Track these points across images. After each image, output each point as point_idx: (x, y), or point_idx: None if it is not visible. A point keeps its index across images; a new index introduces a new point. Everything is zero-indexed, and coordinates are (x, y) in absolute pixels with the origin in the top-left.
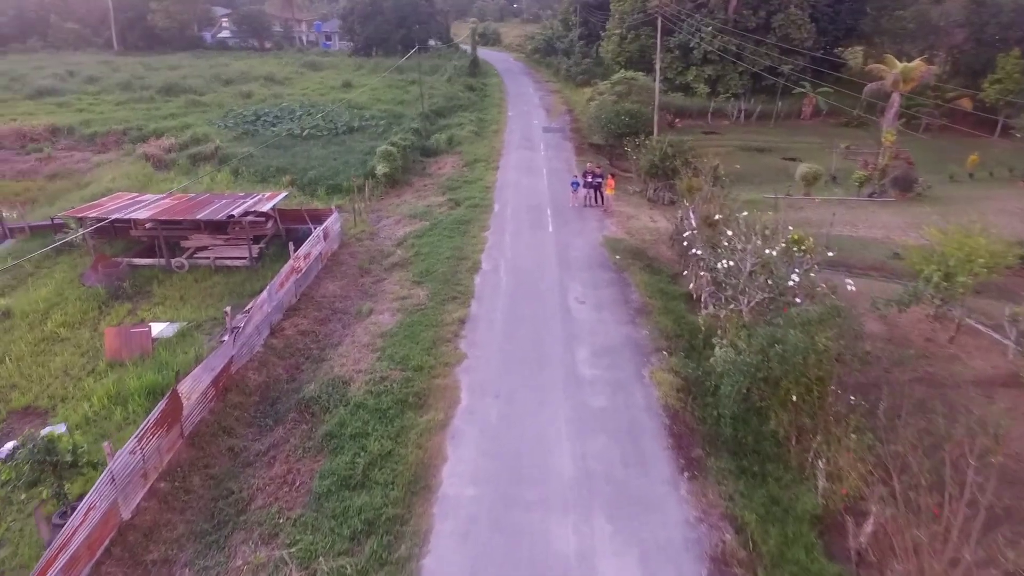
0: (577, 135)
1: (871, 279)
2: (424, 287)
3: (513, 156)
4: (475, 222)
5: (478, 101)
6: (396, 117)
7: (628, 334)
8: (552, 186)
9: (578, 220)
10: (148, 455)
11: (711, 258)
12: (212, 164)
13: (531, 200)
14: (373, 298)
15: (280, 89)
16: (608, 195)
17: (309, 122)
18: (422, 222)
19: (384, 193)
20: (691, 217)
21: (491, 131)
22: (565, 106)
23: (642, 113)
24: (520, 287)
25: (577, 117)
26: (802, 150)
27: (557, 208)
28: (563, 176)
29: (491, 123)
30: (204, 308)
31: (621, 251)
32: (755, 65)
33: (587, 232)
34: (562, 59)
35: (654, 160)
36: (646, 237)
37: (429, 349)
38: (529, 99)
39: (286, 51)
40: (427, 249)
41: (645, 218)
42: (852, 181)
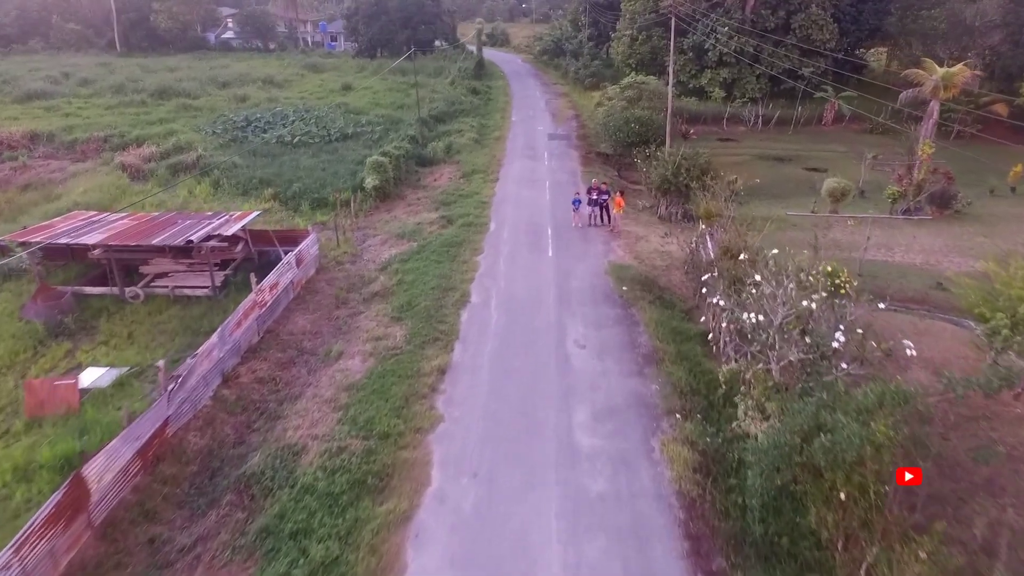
0: (584, 143)
1: (912, 313)
2: (403, 324)
3: (515, 166)
4: (467, 244)
5: (481, 105)
6: (394, 123)
7: (635, 389)
8: (555, 201)
9: (581, 242)
10: (33, 566)
11: (734, 307)
12: (193, 175)
13: (531, 217)
14: (346, 336)
15: (278, 92)
16: (616, 214)
17: (301, 128)
18: (410, 243)
19: (373, 208)
20: (709, 245)
21: (493, 138)
22: (572, 110)
23: (653, 121)
24: (512, 326)
25: (584, 123)
26: (825, 159)
27: (559, 227)
28: (567, 190)
29: (493, 129)
30: (152, 349)
31: (628, 281)
32: (773, 68)
33: (591, 256)
34: (570, 61)
35: (666, 175)
36: (657, 263)
37: (399, 409)
38: (535, 103)
39: (290, 52)
40: (412, 276)
41: (656, 240)
42: (885, 197)
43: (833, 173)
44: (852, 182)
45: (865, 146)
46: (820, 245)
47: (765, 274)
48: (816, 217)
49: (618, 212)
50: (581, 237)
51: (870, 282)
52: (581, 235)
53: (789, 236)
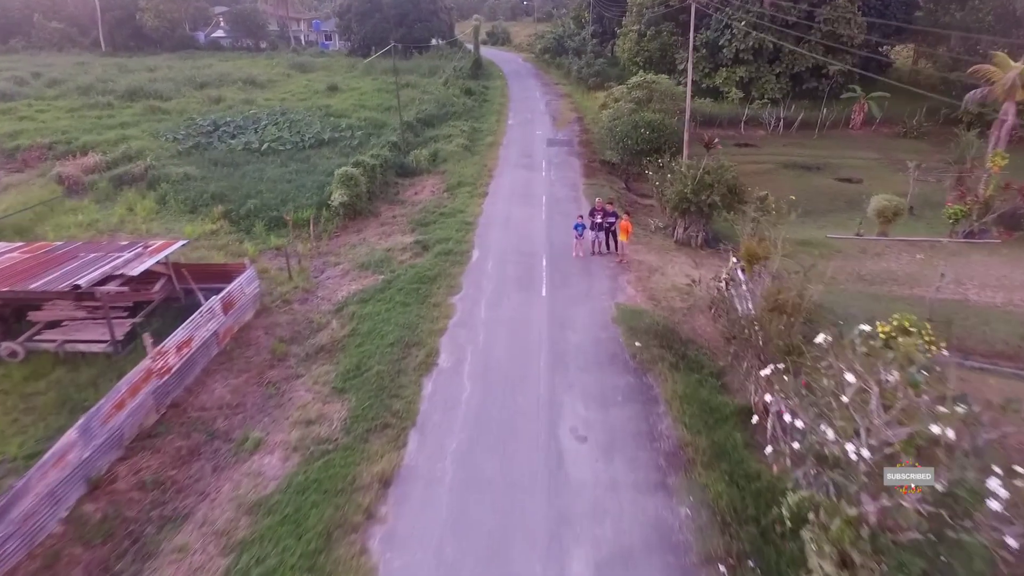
0: (587, 150)
1: (1004, 377)
2: (347, 399)
3: (507, 178)
4: (443, 279)
5: (475, 107)
6: (378, 127)
7: (656, 515)
8: (552, 222)
9: (583, 276)
10: None
11: (807, 418)
12: (138, 188)
13: (522, 243)
14: (272, 414)
15: (258, 94)
16: (623, 242)
17: (272, 134)
18: (375, 276)
19: (341, 228)
20: (744, 290)
21: (485, 144)
22: (575, 113)
23: (666, 125)
24: (489, 405)
25: (587, 127)
26: (858, 168)
27: (556, 257)
28: (567, 207)
29: (487, 134)
30: (8, 437)
31: (642, 333)
32: (794, 66)
33: (594, 297)
34: (573, 59)
35: (685, 192)
36: (676, 304)
37: (315, 555)
38: (534, 105)
39: (281, 51)
40: (369, 324)
41: (675, 271)
42: (944, 217)
43: (870, 184)
44: (901, 198)
45: (901, 153)
46: (818, 274)
47: (841, 357)
48: (863, 241)
49: (625, 240)
50: (582, 270)
51: (944, 329)
52: (582, 267)
53: (836, 265)
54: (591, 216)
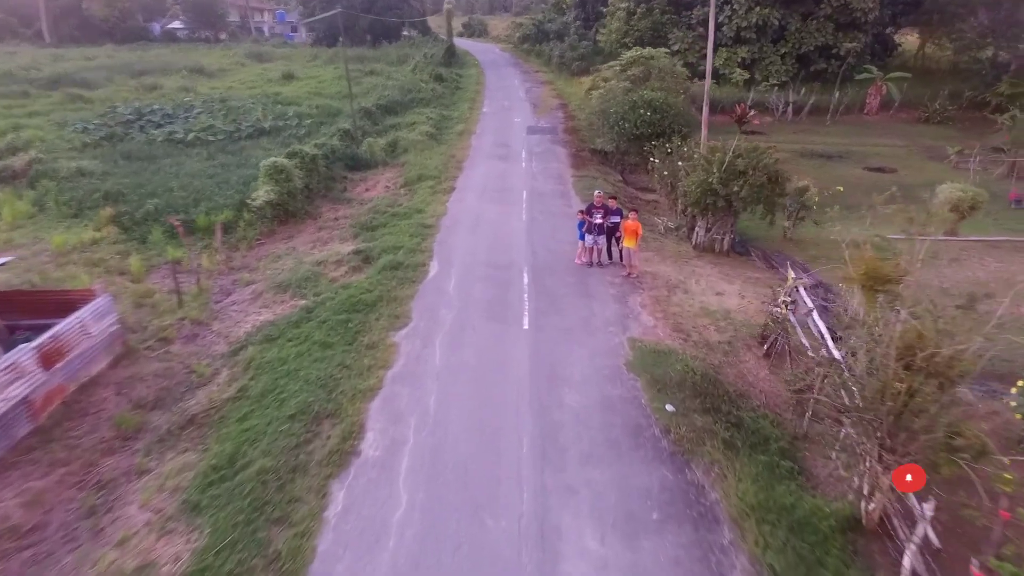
0: (573, 137)
1: None
2: (198, 529)
3: (480, 170)
4: (385, 306)
5: (446, 94)
6: (332, 114)
7: None
8: (535, 223)
9: (579, 298)
10: None
11: None
12: (16, 186)
13: (496, 252)
14: (83, 549)
15: (205, 82)
16: (631, 250)
17: (203, 123)
18: (295, 300)
19: (266, 234)
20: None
21: (455, 133)
22: (558, 100)
23: (671, 104)
24: (437, 541)
25: (573, 113)
26: (885, 156)
27: (542, 270)
28: (553, 205)
29: (457, 122)
30: None
31: (674, 387)
32: (802, 45)
33: (598, 330)
34: (554, 44)
35: (710, 182)
36: (713, 337)
37: None
38: (512, 92)
39: (241, 43)
40: (268, 379)
41: (701, 288)
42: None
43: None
44: (979, 188)
45: (928, 139)
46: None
47: None
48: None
49: (634, 247)
50: (578, 289)
51: None
52: (578, 285)
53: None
54: (587, 214)
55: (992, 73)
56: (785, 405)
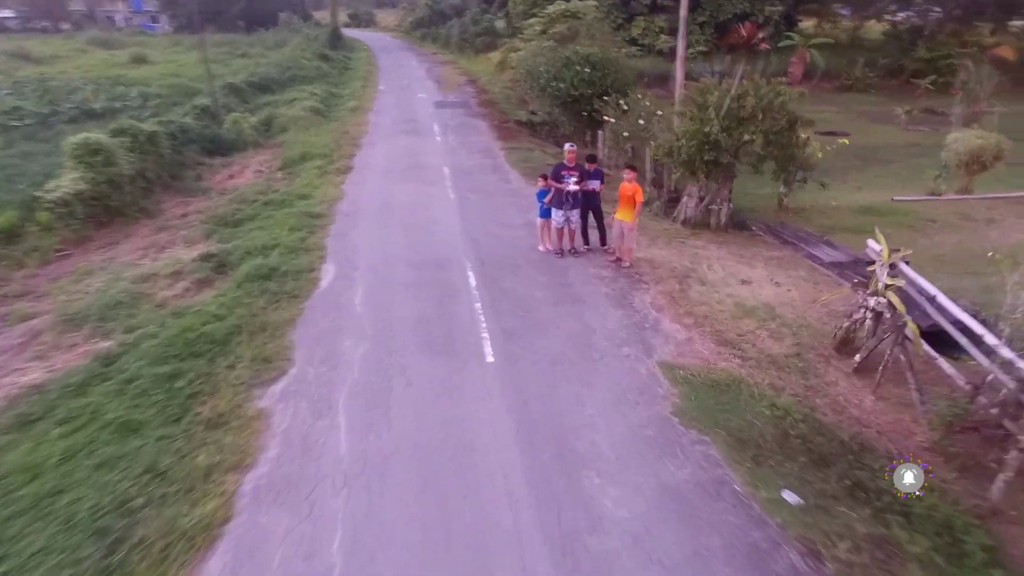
0: (492, 110)
1: None
2: None
3: (383, 147)
4: (247, 342)
5: (333, 74)
6: (188, 94)
7: None
8: (469, 204)
9: (562, 305)
10: None
11: None
12: None
13: (423, 246)
14: None
15: (31, 68)
16: (626, 225)
17: (5, 104)
18: (93, 342)
19: (74, 241)
20: None
21: (347, 109)
22: (464, 77)
23: (612, 60)
24: None
25: (486, 88)
26: (829, 121)
27: (494, 264)
28: (485, 181)
29: (349, 99)
30: None
31: (769, 451)
32: (719, 14)
33: (604, 354)
34: (453, 23)
35: (710, 133)
36: (774, 348)
37: None
38: (410, 71)
39: (87, 33)
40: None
41: (720, 275)
42: None
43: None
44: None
45: (857, 105)
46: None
47: None
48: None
49: (631, 222)
50: (555, 289)
51: None
52: (553, 282)
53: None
54: (555, 179)
55: (908, 39)
56: (928, 453)
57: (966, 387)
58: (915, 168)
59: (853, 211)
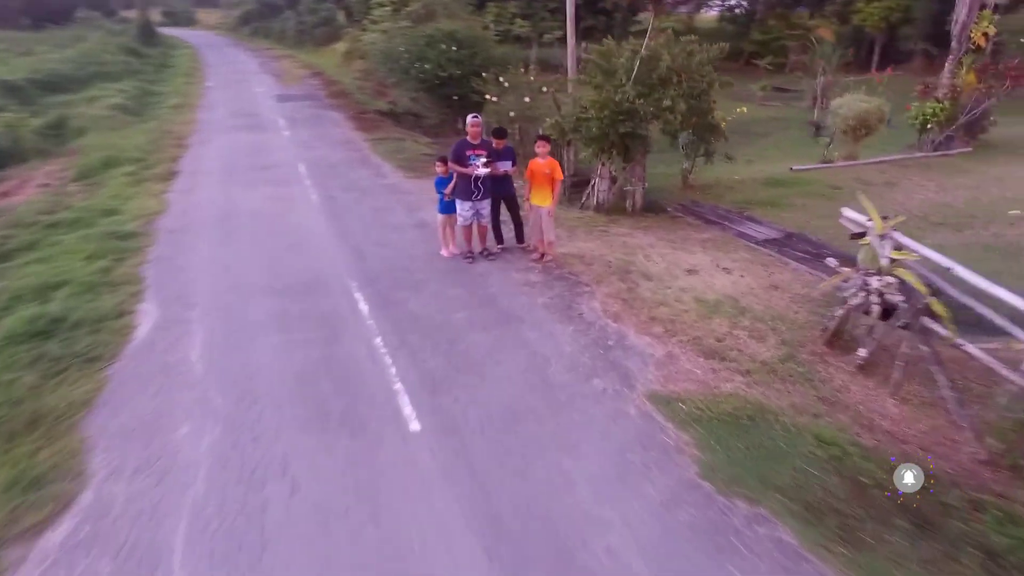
0: (345, 101)
1: None
2: None
3: (217, 145)
4: (11, 449)
5: (147, 71)
6: None
7: None
8: (338, 206)
9: (494, 329)
10: None
11: None
12: None
13: (286, 265)
14: None
15: None
16: (543, 211)
17: None
18: None
19: None
20: None
21: (166, 107)
22: (306, 70)
23: (479, 37)
24: None
25: (334, 79)
26: None
27: (388, 280)
28: (357, 177)
29: (169, 96)
30: None
31: (859, 524)
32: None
33: (572, 394)
34: (287, 15)
35: (623, 101)
36: (760, 352)
37: None
38: (243, 66)
39: None
40: None
41: (663, 268)
42: (910, 122)
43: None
44: (879, 98)
45: None
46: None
47: None
48: (847, 171)
49: (549, 207)
50: (479, 306)
51: None
52: (473, 296)
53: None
54: (456, 162)
55: (742, 24)
56: (990, 469)
57: (1018, 380)
58: (789, 139)
59: (759, 184)
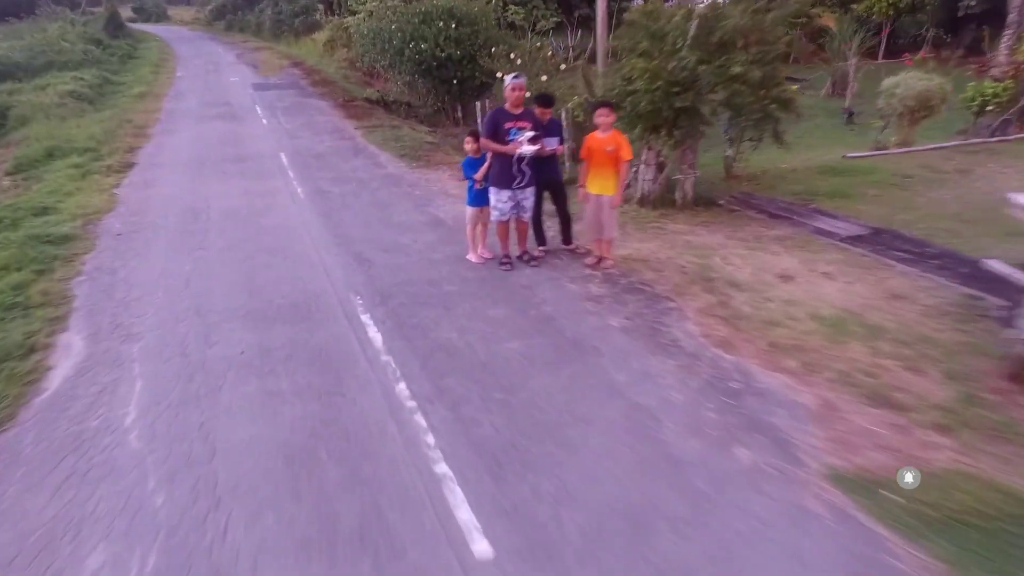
0: (330, 89)
1: None
2: None
3: (185, 135)
4: None
5: (111, 61)
6: None
7: None
8: (331, 201)
9: (569, 367)
10: None
11: None
12: None
13: (260, 285)
14: None
15: None
16: (606, 203)
17: None
18: None
19: None
20: None
21: (129, 96)
22: (286, 60)
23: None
24: None
25: (316, 68)
26: None
27: (400, 300)
28: (351, 168)
29: (133, 85)
30: None
31: None
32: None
33: (740, 519)
34: (264, 5)
35: (682, 69)
36: (933, 392)
37: None
38: (217, 57)
39: None
40: None
41: (749, 273)
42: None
43: None
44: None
45: None
46: None
47: None
48: (909, 156)
49: (613, 197)
50: (537, 337)
51: None
52: (523, 316)
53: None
54: (496, 135)
55: None
56: None
57: None
58: (819, 126)
59: (813, 173)
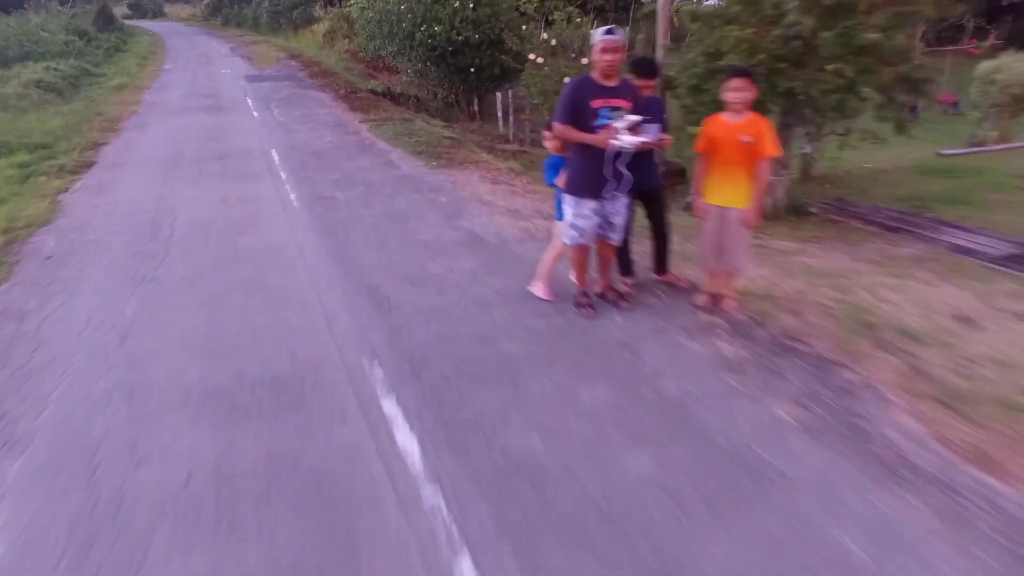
0: (331, 81)
1: None
2: None
3: (159, 130)
4: None
5: (95, 53)
6: None
7: None
8: (335, 211)
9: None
10: None
11: None
12: None
13: (232, 341)
14: None
15: None
16: (738, 219)
17: None
18: None
19: None
20: None
21: (106, 88)
22: (283, 52)
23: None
24: None
25: (315, 60)
26: None
27: (444, 370)
28: (358, 167)
29: (114, 77)
30: None
31: None
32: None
33: None
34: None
35: (804, 29)
36: None
37: None
38: (210, 50)
39: None
40: None
41: (919, 315)
42: None
43: None
44: None
45: None
46: None
47: None
48: (1014, 153)
49: (747, 212)
50: (674, 448)
51: None
52: (637, 398)
53: None
54: (581, 123)
55: None
56: None
57: None
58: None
59: (909, 174)
